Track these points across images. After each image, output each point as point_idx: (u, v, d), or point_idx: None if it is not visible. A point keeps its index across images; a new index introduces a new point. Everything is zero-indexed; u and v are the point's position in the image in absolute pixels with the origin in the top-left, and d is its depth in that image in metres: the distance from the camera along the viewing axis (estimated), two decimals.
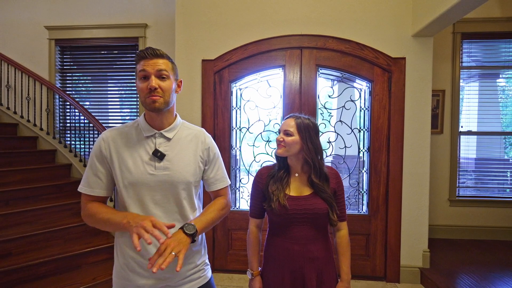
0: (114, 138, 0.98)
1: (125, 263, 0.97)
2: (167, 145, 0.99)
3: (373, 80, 2.54)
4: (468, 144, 3.33)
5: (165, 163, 0.96)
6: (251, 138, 2.70)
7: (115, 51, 3.66)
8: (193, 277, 1.03)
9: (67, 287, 2.12)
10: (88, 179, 0.98)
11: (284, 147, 1.12)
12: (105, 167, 0.97)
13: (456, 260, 2.71)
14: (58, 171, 3.26)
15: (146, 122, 1.00)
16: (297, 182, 1.16)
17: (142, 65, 0.92)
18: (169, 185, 0.96)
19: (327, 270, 1.15)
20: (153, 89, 0.90)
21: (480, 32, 3.18)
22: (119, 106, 3.78)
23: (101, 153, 0.97)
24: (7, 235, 2.31)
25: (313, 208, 1.10)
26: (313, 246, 1.12)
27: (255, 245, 1.23)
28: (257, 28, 2.59)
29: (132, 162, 0.95)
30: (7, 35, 3.66)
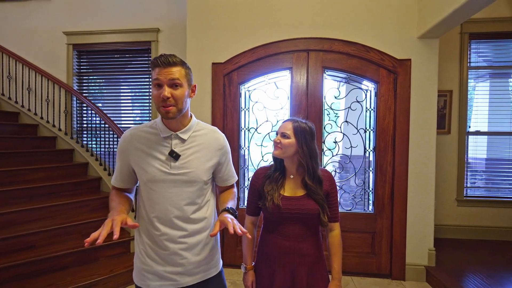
0: (134, 137, 1.06)
1: (143, 249, 1.07)
2: (183, 145, 1.05)
3: (379, 82, 2.59)
4: (477, 144, 3.32)
5: (180, 162, 1.03)
6: (259, 138, 2.79)
7: (128, 55, 3.82)
8: (206, 267, 1.11)
9: (87, 278, 2.26)
10: (115, 172, 1.12)
11: (280, 149, 1.17)
12: (125, 163, 1.07)
13: (463, 259, 2.73)
14: (75, 170, 3.43)
15: (163, 124, 1.06)
16: (291, 183, 1.20)
17: (156, 73, 0.97)
18: (184, 183, 1.03)
19: (318, 267, 1.20)
20: (165, 98, 0.95)
21: (488, 32, 3.18)
22: (131, 107, 3.93)
23: (122, 150, 1.07)
24: (31, 229, 2.47)
25: (304, 208, 1.15)
26: (303, 243, 1.17)
27: (249, 241, 1.28)
28: (265, 32, 2.68)
29: (150, 161, 1.03)
30: (28, 41, 3.87)
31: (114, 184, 1.12)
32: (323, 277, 1.21)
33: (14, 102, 3.81)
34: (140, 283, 1.08)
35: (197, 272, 1.08)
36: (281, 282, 1.17)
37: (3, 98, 3.83)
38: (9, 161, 3.10)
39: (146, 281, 1.06)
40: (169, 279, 1.05)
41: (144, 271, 1.06)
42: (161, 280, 1.05)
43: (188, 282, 1.07)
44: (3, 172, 2.84)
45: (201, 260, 1.09)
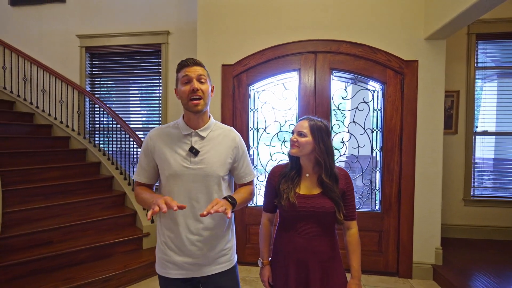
0: (158, 136, 1.16)
1: (164, 241, 1.15)
2: (202, 142, 1.13)
3: (386, 82, 2.63)
4: (484, 145, 3.33)
5: (199, 158, 1.11)
6: (268, 138, 2.85)
7: (139, 56, 3.91)
8: (221, 260, 1.17)
9: (102, 273, 2.34)
10: (137, 169, 1.20)
11: (297, 147, 1.18)
12: (149, 160, 1.16)
13: (470, 258, 2.75)
14: (88, 169, 3.53)
15: (184, 123, 1.16)
16: (307, 181, 1.22)
17: (184, 71, 1.08)
18: (202, 177, 1.11)
19: (332, 265, 1.19)
20: (196, 90, 1.06)
21: (496, 32, 3.19)
22: (141, 108, 4.02)
23: (147, 148, 1.16)
24: (48, 225, 2.56)
25: (320, 206, 1.16)
26: (317, 241, 1.18)
27: (266, 237, 1.32)
28: (273, 34, 2.74)
29: (171, 156, 1.11)
30: (43, 44, 4.00)
31: (138, 180, 1.20)
32: (339, 275, 1.21)
33: (29, 103, 3.94)
34: (162, 272, 1.16)
35: (213, 264, 1.15)
36: (295, 277, 1.19)
37: (18, 99, 3.95)
38: (26, 160, 3.20)
39: (166, 270, 1.14)
40: (187, 269, 1.13)
41: (165, 261, 1.14)
42: (180, 270, 1.13)
43: (204, 273, 1.14)
44: (20, 170, 2.95)
45: (216, 253, 1.15)
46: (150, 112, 3.98)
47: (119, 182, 3.36)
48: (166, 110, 3.77)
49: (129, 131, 3.21)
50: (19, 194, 2.73)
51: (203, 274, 1.14)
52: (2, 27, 4.09)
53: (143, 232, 2.86)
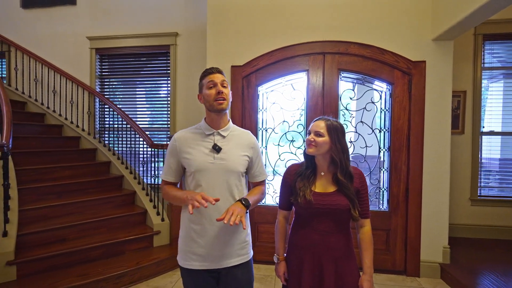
0: (182, 137, 1.27)
1: (187, 234, 1.24)
2: (223, 141, 1.25)
3: (394, 83, 2.66)
4: (491, 144, 3.35)
5: (221, 155, 1.22)
6: (276, 138, 2.89)
7: (147, 58, 3.98)
8: (240, 252, 1.25)
9: (116, 269, 2.40)
10: (165, 169, 1.30)
11: (315, 147, 1.21)
12: (176, 160, 1.26)
13: (477, 257, 2.77)
14: (99, 168, 3.60)
15: (206, 124, 1.27)
16: (322, 180, 1.25)
17: (209, 78, 1.22)
18: (224, 172, 1.21)
19: (346, 262, 1.22)
20: (221, 92, 1.20)
21: (502, 33, 3.21)
22: (149, 108, 4.08)
23: (173, 149, 1.27)
24: (62, 223, 2.63)
25: (335, 204, 1.19)
26: (332, 237, 1.21)
27: (282, 233, 1.36)
28: (282, 36, 2.78)
29: (196, 154, 1.22)
30: (54, 46, 4.08)
31: (166, 179, 1.30)
32: (352, 272, 1.23)
33: (40, 103, 4.02)
34: (184, 264, 1.23)
35: (233, 256, 1.23)
36: (309, 272, 1.22)
37: (30, 100, 4.03)
38: (38, 159, 3.27)
39: (190, 262, 1.22)
40: (209, 261, 1.20)
41: (188, 253, 1.22)
42: (202, 261, 1.20)
43: (224, 265, 1.22)
44: (34, 169, 3.02)
45: (236, 246, 1.24)
46: (158, 112, 4.04)
47: (129, 181, 3.42)
48: (175, 110, 3.82)
49: (139, 131, 3.27)
50: (34, 192, 2.80)
51: (223, 266, 1.21)
52: (14, 29, 4.17)
53: (154, 230, 2.92)
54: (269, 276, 2.66)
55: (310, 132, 1.25)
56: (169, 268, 2.72)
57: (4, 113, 2.46)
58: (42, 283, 2.17)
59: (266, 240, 2.89)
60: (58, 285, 2.14)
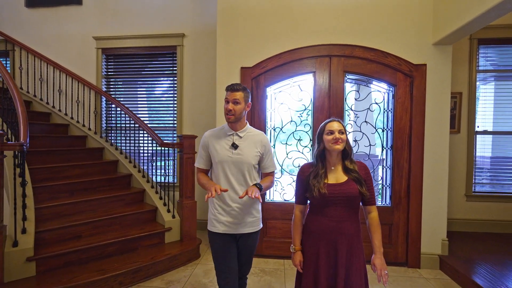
0: (211, 135, 1.68)
1: (214, 206, 1.65)
2: (240, 140, 1.62)
3: (396, 85, 2.81)
4: (484, 143, 3.54)
5: (238, 151, 1.60)
6: (284, 137, 3.00)
7: (154, 58, 4.03)
8: (253, 223, 1.65)
9: (132, 264, 2.47)
10: (197, 159, 1.72)
11: (342, 143, 1.42)
12: (206, 152, 1.68)
13: (473, 250, 2.95)
14: (107, 167, 3.64)
15: (228, 127, 1.65)
16: (334, 173, 1.44)
17: (227, 94, 1.59)
18: (240, 163, 1.59)
19: (356, 244, 1.39)
20: (229, 110, 1.57)
21: (496, 37, 3.39)
22: (155, 108, 4.14)
23: (204, 144, 1.68)
24: (76, 220, 2.68)
25: (347, 192, 1.37)
26: (344, 223, 1.38)
27: (298, 226, 1.52)
28: (290, 39, 2.89)
29: (220, 148, 1.62)
30: (60, 45, 4.09)
31: (199, 166, 1.70)
32: (360, 255, 1.41)
33: (46, 103, 4.03)
34: (211, 228, 1.64)
35: (247, 225, 1.62)
36: (325, 256, 1.39)
37: (35, 99, 4.04)
38: (47, 158, 3.30)
39: (215, 227, 1.62)
40: (229, 226, 1.60)
41: (214, 220, 1.63)
42: (224, 227, 1.60)
43: (240, 231, 1.62)
44: (46, 168, 3.06)
45: (249, 217, 1.62)
46: (164, 112, 4.10)
47: (138, 180, 3.48)
48: (181, 110, 3.89)
49: (149, 131, 3.34)
50: (47, 190, 2.84)
51: (239, 232, 1.61)
52: (19, 29, 4.16)
53: (165, 227, 3.00)
54: (278, 269, 2.77)
55: (333, 132, 1.42)
56: (182, 263, 2.80)
57: (20, 113, 2.49)
58: (61, 278, 2.23)
59: (274, 235, 3.01)
60: (77, 279, 2.21)
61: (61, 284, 2.15)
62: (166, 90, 4.08)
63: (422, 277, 2.64)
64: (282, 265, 2.86)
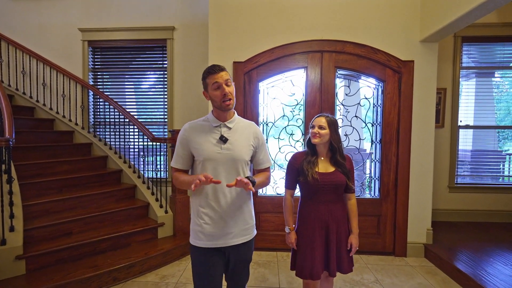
0: (192, 128, 1.36)
1: (197, 216, 1.34)
2: (229, 132, 1.34)
3: (385, 80, 2.89)
4: (466, 137, 3.70)
5: (228, 145, 1.31)
6: (277, 131, 3.04)
7: (143, 52, 3.95)
8: (244, 233, 1.37)
9: (126, 260, 2.46)
10: (175, 158, 1.39)
11: (319, 137, 1.56)
12: (185, 149, 1.35)
13: (456, 238, 3.11)
14: (95, 162, 3.57)
15: (214, 117, 1.36)
16: (323, 163, 1.60)
17: (213, 78, 1.27)
18: (231, 160, 1.31)
19: (343, 224, 1.60)
20: (227, 94, 1.27)
21: (479, 35, 3.53)
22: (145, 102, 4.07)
23: (183, 139, 1.35)
24: (66, 217, 2.63)
25: (336, 180, 1.55)
26: (334, 206, 1.57)
27: (290, 208, 1.66)
28: (282, 34, 2.91)
29: (205, 144, 1.31)
30: (43, 37, 3.93)
31: (176, 166, 1.38)
32: (347, 231, 1.62)
33: (29, 97, 3.88)
34: (196, 243, 1.33)
35: (238, 235, 1.34)
36: (319, 236, 1.56)
37: (17, 93, 3.88)
38: (33, 154, 3.20)
39: (199, 240, 1.32)
40: (217, 238, 1.31)
41: (199, 232, 1.32)
42: (212, 239, 1.31)
43: (230, 243, 1.33)
44: (33, 165, 2.97)
45: (240, 225, 1.35)
46: (154, 106, 4.04)
47: (128, 175, 3.44)
48: (172, 104, 3.85)
49: (139, 126, 3.29)
50: (35, 187, 2.77)
51: (229, 244, 1.32)
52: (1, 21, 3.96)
53: (158, 223, 2.99)
54: (271, 261, 2.83)
55: (314, 126, 1.58)
56: (175, 257, 2.81)
57: (3, 106, 2.40)
58: (53, 275, 2.20)
59: (266, 228, 3.06)
60: (71, 276, 2.18)
61: (53, 281, 2.12)
62: (155, 84, 4.01)
63: (408, 265, 2.77)
64: (275, 257, 2.92)
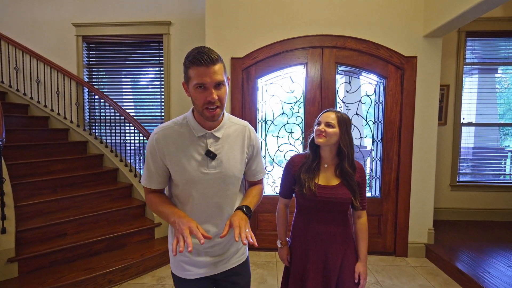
0: (166, 138, 1.00)
1: None
2: (217, 144, 1.02)
3: (387, 77, 2.81)
4: (468, 135, 3.63)
5: (217, 162, 1.01)
6: (275, 129, 2.97)
7: (139, 47, 3.85)
8: (237, 255, 1.16)
9: (121, 262, 2.41)
10: (145, 174, 1.06)
11: (324, 137, 1.22)
12: (158, 164, 1.02)
13: (457, 237, 3.06)
14: (91, 161, 3.50)
15: (196, 122, 1.01)
16: (326, 172, 1.27)
17: (198, 74, 0.88)
18: (220, 181, 1.02)
19: (347, 245, 1.28)
20: (213, 101, 0.90)
21: (483, 30, 3.44)
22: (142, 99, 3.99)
23: (154, 152, 1.01)
24: (61, 218, 2.57)
25: (339, 197, 1.22)
26: (334, 226, 1.26)
27: (283, 220, 1.40)
28: (281, 29, 2.81)
29: (186, 162, 0.99)
30: (36, 32, 3.82)
31: (149, 187, 1.06)
32: (353, 256, 1.30)
33: (23, 94, 3.79)
34: (180, 274, 1.10)
35: (229, 260, 1.13)
36: (315, 259, 1.27)
37: (10, 90, 3.79)
38: (26, 153, 3.14)
39: (186, 271, 1.09)
40: (206, 267, 1.09)
41: (184, 263, 1.08)
42: (201, 269, 1.09)
43: (221, 269, 1.12)
44: (26, 164, 2.90)
45: (233, 251, 1.13)
46: (150, 103, 3.96)
47: (125, 174, 3.37)
48: (169, 101, 3.77)
49: (135, 123, 3.21)
50: (28, 187, 2.71)
51: (221, 271, 1.11)
52: None
53: (155, 223, 2.93)
54: (270, 262, 2.79)
55: (320, 123, 1.25)
56: None
57: None
58: (47, 278, 2.15)
59: (265, 228, 3.01)
60: (64, 279, 2.13)
61: (47, 284, 2.07)
62: (153, 81, 3.93)
63: (409, 265, 2.73)
64: (274, 257, 2.87)
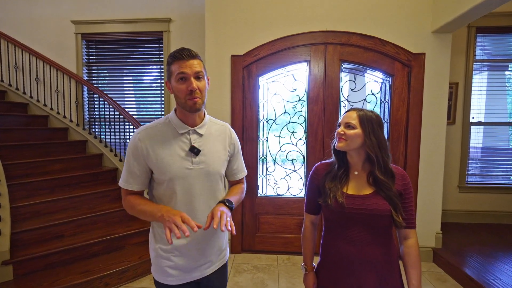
0: (149, 137, 1.03)
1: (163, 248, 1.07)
2: (201, 140, 1.06)
3: (394, 75, 2.70)
4: (477, 134, 3.50)
5: (201, 157, 1.04)
6: (277, 129, 2.88)
7: (139, 45, 3.78)
8: (219, 257, 1.16)
9: (119, 264, 2.35)
10: (125, 175, 1.04)
11: (345, 141, 1.05)
12: (141, 164, 1.02)
13: (465, 241, 2.95)
14: (90, 161, 3.45)
15: (178, 120, 1.05)
16: (356, 180, 1.09)
17: (179, 66, 0.96)
18: (204, 176, 1.05)
19: (390, 277, 1.04)
20: (194, 90, 0.96)
21: (493, 26, 3.30)
22: (142, 97, 3.92)
23: (137, 151, 1.02)
24: (58, 219, 2.53)
25: (372, 208, 1.01)
26: (370, 249, 1.02)
27: (309, 240, 1.21)
28: (283, 25, 2.72)
29: (170, 158, 1.01)
30: (35, 30, 3.78)
31: (129, 188, 1.04)
32: (397, 286, 1.05)
33: (22, 92, 3.76)
34: (164, 279, 1.08)
35: (212, 263, 1.13)
36: None
37: (10, 89, 3.76)
38: (25, 152, 3.10)
39: (172, 275, 1.07)
40: (189, 272, 1.08)
41: (168, 267, 1.06)
42: (184, 274, 1.07)
43: (203, 274, 1.11)
44: (23, 164, 2.86)
45: (215, 251, 1.13)
46: (150, 101, 3.89)
47: None
48: (169, 99, 3.70)
49: (134, 122, 3.15)
50: (24, 187, 2.66)
51: (204, 275, 1.11)
52: None
53: None
54: (271, 265, 2.71)
55: (340, 125, 1.10)
56: None
57: None
58: (42, 281, 2.10)
59: (266, 230, 2.93)
60: (60, 282, 2.08)
61: (43, 287, 2.02)
62: (154, 79, 3.86)
63: None
64: (275, 261, 2.79)
